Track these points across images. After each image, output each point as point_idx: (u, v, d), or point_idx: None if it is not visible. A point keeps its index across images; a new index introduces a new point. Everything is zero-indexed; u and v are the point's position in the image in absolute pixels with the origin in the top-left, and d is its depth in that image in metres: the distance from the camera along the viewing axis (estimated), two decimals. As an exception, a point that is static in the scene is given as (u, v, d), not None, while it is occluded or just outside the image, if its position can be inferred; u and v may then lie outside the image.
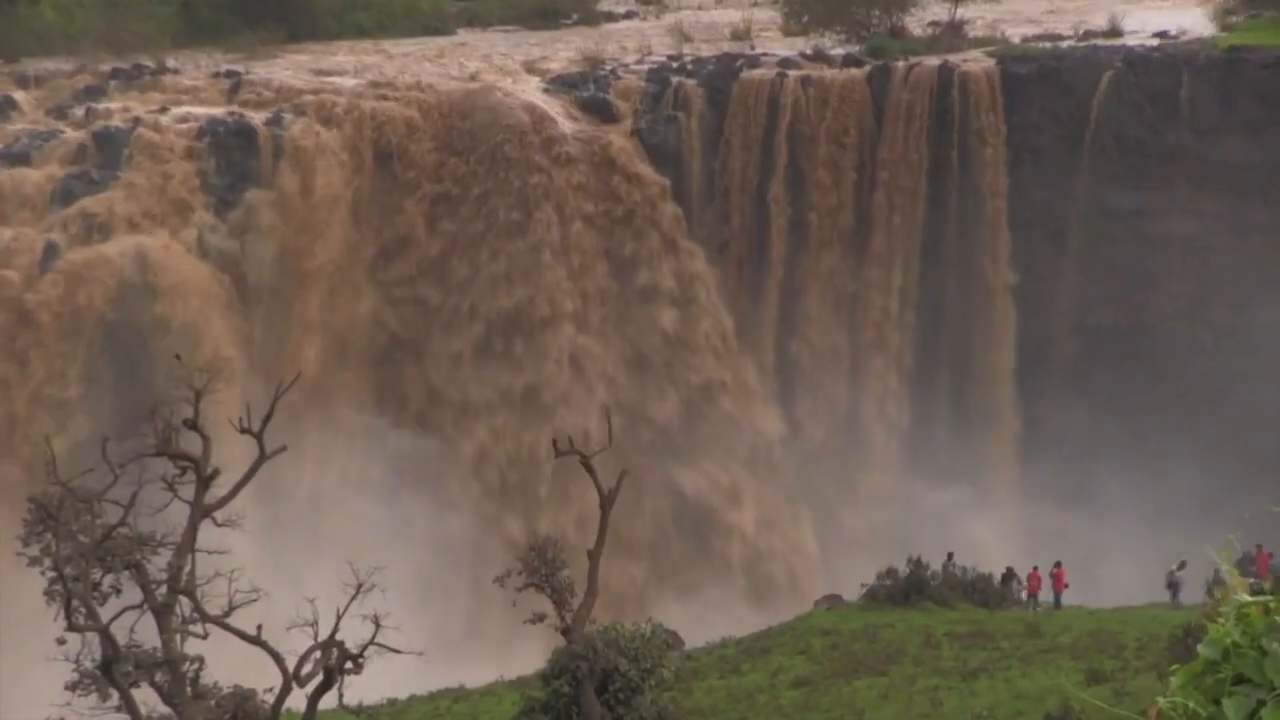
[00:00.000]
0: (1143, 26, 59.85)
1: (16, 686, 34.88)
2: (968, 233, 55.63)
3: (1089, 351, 54.73)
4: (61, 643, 22.63)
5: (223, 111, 55.49)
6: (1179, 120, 53.28)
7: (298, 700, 23.30)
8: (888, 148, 55.45)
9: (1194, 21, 59.11)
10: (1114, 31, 59.36)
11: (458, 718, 35.34)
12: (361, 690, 24.60)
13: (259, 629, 23.15)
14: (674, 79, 57.61)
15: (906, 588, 39.31)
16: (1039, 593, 40.88)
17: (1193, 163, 53.23)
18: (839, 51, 60.08)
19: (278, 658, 22.93)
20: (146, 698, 23.08)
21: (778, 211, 56.29)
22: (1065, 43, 58.59)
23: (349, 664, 22.88)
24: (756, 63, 58.80)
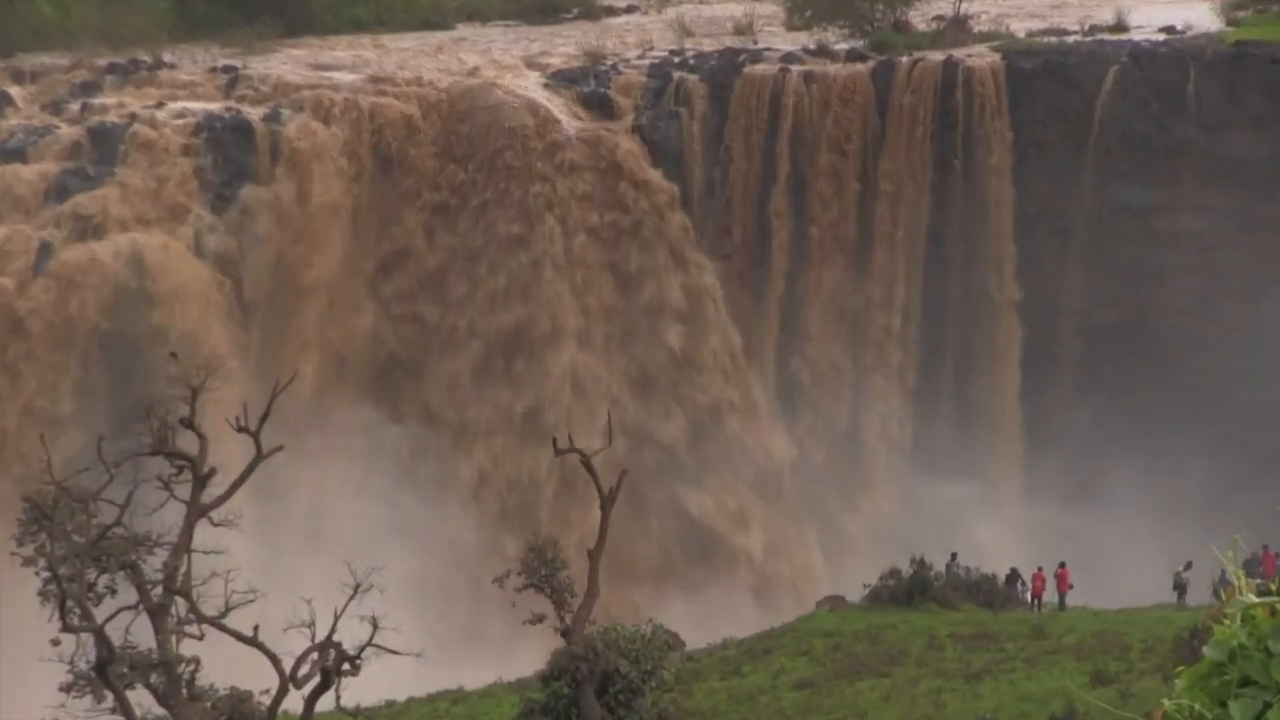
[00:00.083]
0: (1149, 21, 59.51)
1: (11, 688, 34.73)
2: (972, 249, 55.09)
3: (1095, 349, 54.47)
4: (56, 644, 22.48)
5: (220, 107, 55.07)
6: (1186, 116, 53.07)
7: (295, 702, 23.26)
8: (889, 157, 54.83)
9: (1201, 16, 58.74)
10: (1120, 26, 58.97)
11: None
12: (359, 692, 24.53)
13: (255, 630, 23.09)
14: (675, 74, 57.13)
15: (910, 588, 39.05)
16: (1043, 594, 40.69)
17: (1200, 158, 53.03)
18: (842, 46, 59.70)
19: (274, 659, 22.86)
20: (142, 699, 23.04)
21: (779, 225, 55.68)
22: (1071, 37, 58.30)
23: (346, 665, 22.79)
24: (759, 58, 58.35)
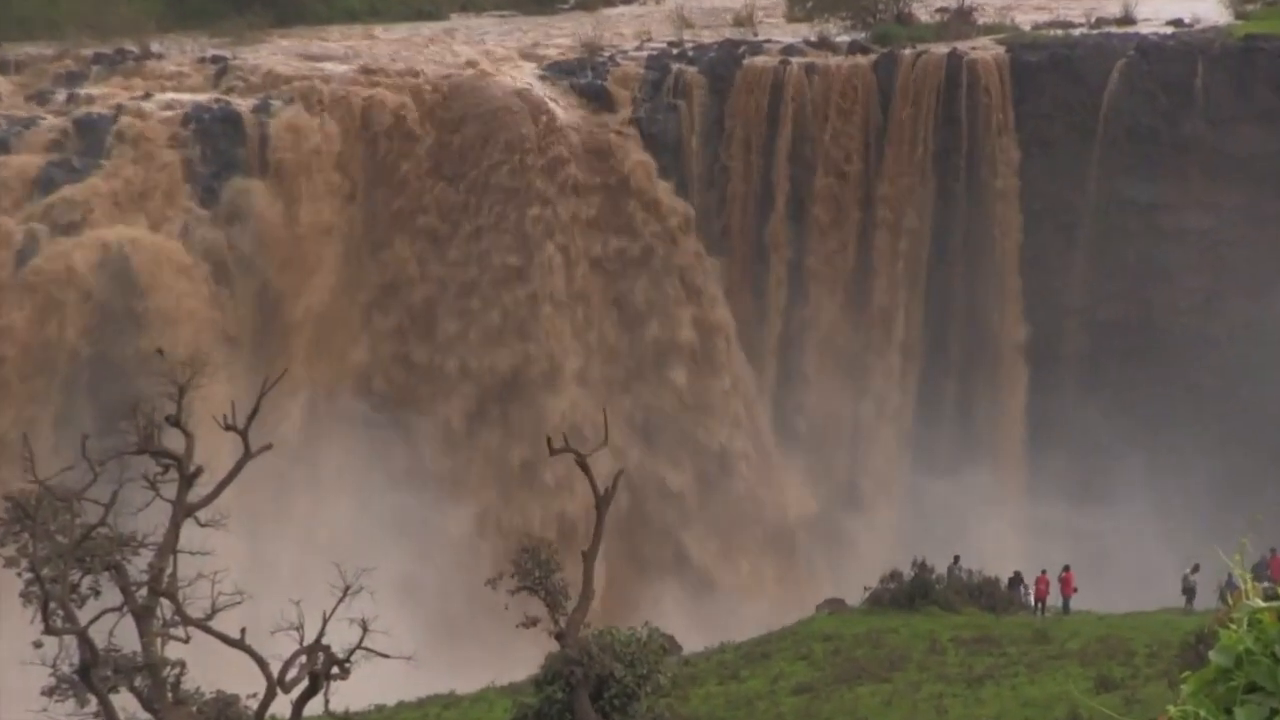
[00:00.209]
0: (1156, 14, 59.37)
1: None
2: (977, 290, 54.54)
3: (1100, 346, 54.27)
4: (38, 646, 22.32)
5: (208, 98, 54.49)
6: (1193, 110, 52.82)
7: (282, 706, 23.05)
8: (889, 172, 54.12)
9: (1209, 9, 58.72)
10: (1127, 19, 58.89)
11: (447, 725, 35.02)
12: (348, 696, 24.50)
13: (243, 632, 22.86)
14: (674, 66, 56.73)
15: (911, 592, 38.70)
16: (1047, 597, 40.43)
17: (1207, 154, 52.78)
18: (844, 39, 59.45)
19: (262, 662, 22.64)
20: (126, 703, 23.04)
21: (777, 252, 54.91)
22: (1077, 30, 58.03)
23: (335, 669, 22.57)
24: (759, 50, 58.07)
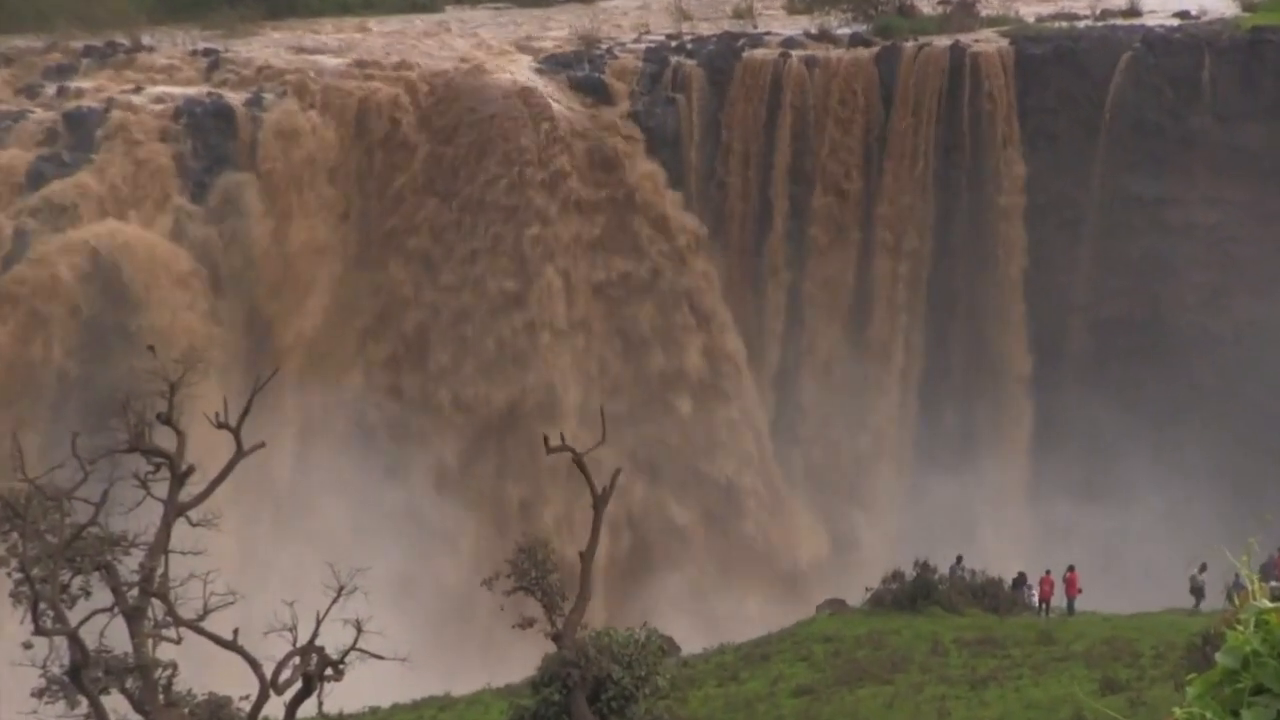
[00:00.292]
0: (1162, 6, 59.32)
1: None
2: (979, 313, 54.44)
3: (1104, 343, 54.16)
4: (28, 647, 22.13)
5: (200, 91, 54.27)
6: (1200, 104, 52.78)
7: (275, 708, 22.93)
8: (889, 191, 53.46)
9: (1216, 1, 58.65)
10: (1133, 11, 58.85)
11: (443, 728, 35.03)
12: (342, 698, 24.59)
13: (235, 633, 22.67)
14: (673, 59, 56.63)
15: (913, 592, 38.53)
16: (1051, 598, 40.27)
17: (1214, 148, 52.67)
18: (845, 31, 59.26)
19: (254, 664, 22.56)
20: (117, 705, 22.64)
21: (780, 210, 54.55)
22: (1082, 22, 57.91)
23: (329, 670, 22.44)
24: (759, 42, 57.93)
